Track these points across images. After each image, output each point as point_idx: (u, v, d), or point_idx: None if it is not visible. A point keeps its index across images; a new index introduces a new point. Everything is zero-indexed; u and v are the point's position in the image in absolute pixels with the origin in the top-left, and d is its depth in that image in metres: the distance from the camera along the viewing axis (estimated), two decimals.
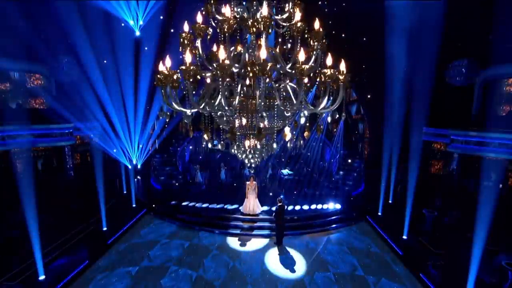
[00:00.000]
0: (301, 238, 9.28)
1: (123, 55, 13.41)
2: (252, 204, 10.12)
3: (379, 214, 10.74)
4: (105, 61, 12.74)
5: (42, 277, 6.62)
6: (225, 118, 3.50)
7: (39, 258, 6.70)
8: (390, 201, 11.69)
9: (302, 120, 4.17)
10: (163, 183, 13.79)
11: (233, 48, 3.48)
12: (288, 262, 7.79)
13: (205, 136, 3.82)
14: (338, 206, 11.06)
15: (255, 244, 8.83)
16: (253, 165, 5.27)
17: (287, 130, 3.66)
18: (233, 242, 8.89)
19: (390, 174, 11.88)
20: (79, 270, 7.09)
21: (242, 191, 11.96)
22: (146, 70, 13.87)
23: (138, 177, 15.47)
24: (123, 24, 13.96)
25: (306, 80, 3.86)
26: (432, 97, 11.27)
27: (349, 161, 15.73)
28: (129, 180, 12.90)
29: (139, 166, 15.77)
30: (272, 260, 7.86)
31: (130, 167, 14.12)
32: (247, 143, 4.00)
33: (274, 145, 3.99)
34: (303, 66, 2.54)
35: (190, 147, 18.26)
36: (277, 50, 3.31)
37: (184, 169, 15.66)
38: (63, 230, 8.74)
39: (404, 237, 8.78)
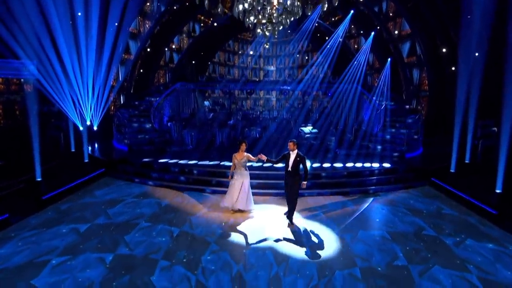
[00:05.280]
0: (333, 198, 8.77)
1: None
2: (238, 193, 7.26)
3: (452, 171, 10.11)
4: None
5: None
6: None
7: None
8: (466, 161, 11.03)
9: None
10: (130, 143, 13.07)
11: None
12: (314, 219, 7.24)
13: None
14: (387, 165, 10.49)
15: (264, 201, 8.28)
16: (267, 34, 4.90)
17: None
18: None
19: (465, 131, 11.30)
20: None
21: (247, 139, 11.41)
22: None
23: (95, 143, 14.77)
24: None
25: None
26: None
27: (400, 117, 14.88)
28: (80, 137, 12.24)
29: (95, 128, 15.02)
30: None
31: (81, 128, 13.34)
32: None
33: None
34: None
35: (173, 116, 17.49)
36: None
37: (161, 127, 15.01)
38: None
39: (498, 190, 8.03)
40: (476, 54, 11.54)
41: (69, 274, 4.82)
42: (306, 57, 25.25)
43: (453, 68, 14.05)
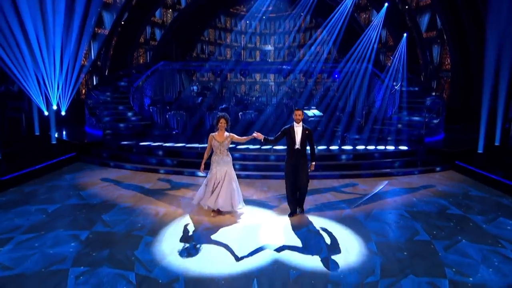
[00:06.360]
0: (343, 181, 8.90)
1: None
2: (220, 188, 6.12)
3: (480, 152, 10.29)
4: None
5: None
6: None
7: None
8: (496, 144, 11.20)
9: None
10: (106, 126, 13.00)
11: None
12: (321, 200, 7.36)
13: None
14: (404, 148, 10.90)
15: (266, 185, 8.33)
16: None
17: None
18: None
19: (494, 112, 11.52)
20: None
21: (241, 123, 11.53)
22: None
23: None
24: None
25: None
26: None
27: (417, 99, 15.03)
28: (46, 120, 12.18)
29: (63, 112, 14.86)
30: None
31: (46, 113, 13.20)
32: None
33: None
34: None
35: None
36: None
37: (142, 111, 15.00)
38: None
39: None
40: (508, 26, 11.66)
41: (37, 250, 4.75)
42: (309, 34, 25.33)
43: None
